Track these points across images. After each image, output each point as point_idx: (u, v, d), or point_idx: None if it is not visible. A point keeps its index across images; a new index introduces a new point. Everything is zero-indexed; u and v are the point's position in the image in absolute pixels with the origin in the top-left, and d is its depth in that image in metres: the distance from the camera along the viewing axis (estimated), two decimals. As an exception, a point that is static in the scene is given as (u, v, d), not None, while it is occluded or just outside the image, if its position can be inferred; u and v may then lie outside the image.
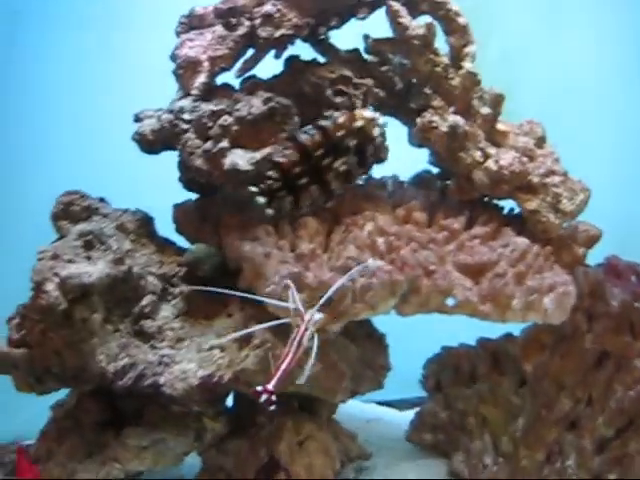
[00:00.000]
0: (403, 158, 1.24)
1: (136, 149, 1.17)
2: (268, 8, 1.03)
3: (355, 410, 1.53)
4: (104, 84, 1.42)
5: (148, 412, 1.16)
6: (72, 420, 1.19)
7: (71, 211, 1.17)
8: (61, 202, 1.17)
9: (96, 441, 1.16)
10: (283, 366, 0.84)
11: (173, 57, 1.15)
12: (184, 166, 1.13)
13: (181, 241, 1.22)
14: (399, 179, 1.27)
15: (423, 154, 1.23)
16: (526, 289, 1.07)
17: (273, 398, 0.79)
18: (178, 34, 1.18)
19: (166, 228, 1.22)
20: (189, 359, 1.10)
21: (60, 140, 1.45)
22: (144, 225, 1.19)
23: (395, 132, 1.21)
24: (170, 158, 1.17)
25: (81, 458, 1.16)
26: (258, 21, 1.04)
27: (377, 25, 1.17)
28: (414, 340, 1.42)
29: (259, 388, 0.80)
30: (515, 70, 1.44)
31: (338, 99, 1.08)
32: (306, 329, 0.89)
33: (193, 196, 1.21)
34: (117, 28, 1.41)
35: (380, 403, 1.64)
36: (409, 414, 1.52)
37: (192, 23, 1.17)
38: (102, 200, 1.22)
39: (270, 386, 0.80)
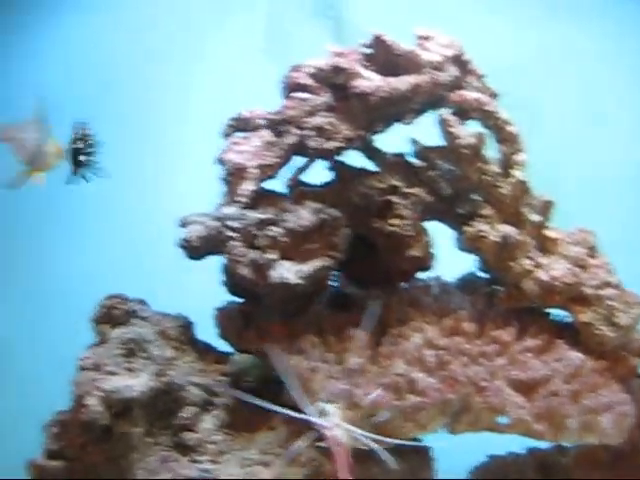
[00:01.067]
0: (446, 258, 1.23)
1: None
2: (319, 120, 1.02)
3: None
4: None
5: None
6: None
7: (112, 315, 1.15)
8: (104, 306, 1.15)
9: None
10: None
11: (220, 161, 1.14)
12: (229, 273, 1.11)
13: (221, 344, 1.20)
14: (443, 281, 1.24)
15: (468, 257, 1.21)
16: (582, 408, 1.03)
17: None
18: (225, 136, 1.17)
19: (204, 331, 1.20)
20: (230, 474, 1.06)
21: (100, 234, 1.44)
22: (185, 331, 1.17)
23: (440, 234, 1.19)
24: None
25: None
26: (308, 132, 1.03)
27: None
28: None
29: None
30: (556, 168, 1.42)
31: (387, 210, 1.06)
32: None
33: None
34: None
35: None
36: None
37: (239, 126, 1.17)
38: (141, 302, 1.20)
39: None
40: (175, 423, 1.09)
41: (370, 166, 1.16)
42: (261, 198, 1.11)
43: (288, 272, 1.02)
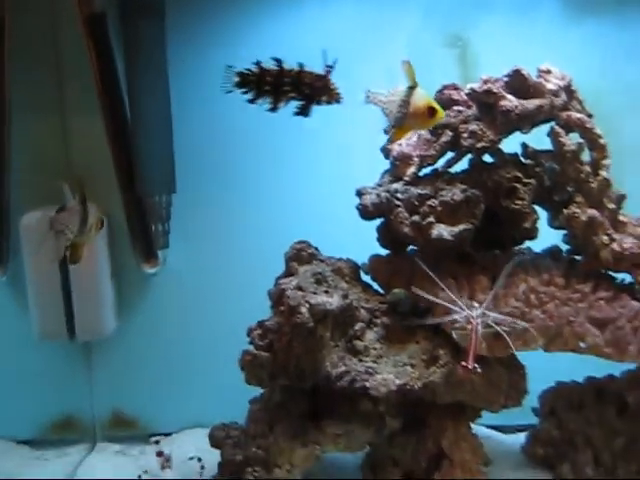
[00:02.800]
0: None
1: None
2: (474, 127, 1.46)
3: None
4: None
5: (341, 409, 1.56)
6: (284, 412, 1.59)
7: (301, 255, 1.59)
8: (294, 248, 1.60)
9: (301, 428, 1.57)
10: (471, 351, 1.33)
11: (385, 150, 1.59)
12: (390, 231, 1.55)
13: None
14: (533, 250, 1.68)
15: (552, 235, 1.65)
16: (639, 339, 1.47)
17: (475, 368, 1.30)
18: (386, 132, 1.61)
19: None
20: (388, 371, 1.50)
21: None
22: (353, 270, 1.62)
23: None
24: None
25: (288, 439, 1.56)
26: (464, 134, 1.47)
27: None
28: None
29: (463, 363, 1.31)
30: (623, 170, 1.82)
31: (512, 193, 1.50)
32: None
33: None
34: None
35: (488, 427, 2.03)
36: (512, 437, 1.92)
37: (399, 126, 1.60)
38: (317, 249, 1.64)
39: (470, 364, 1.31)
40: (349, 333, 1.53)
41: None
42: (420, 179, 1.55)
43: (444, 231, 1.46)
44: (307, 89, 1.22)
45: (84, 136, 1.82)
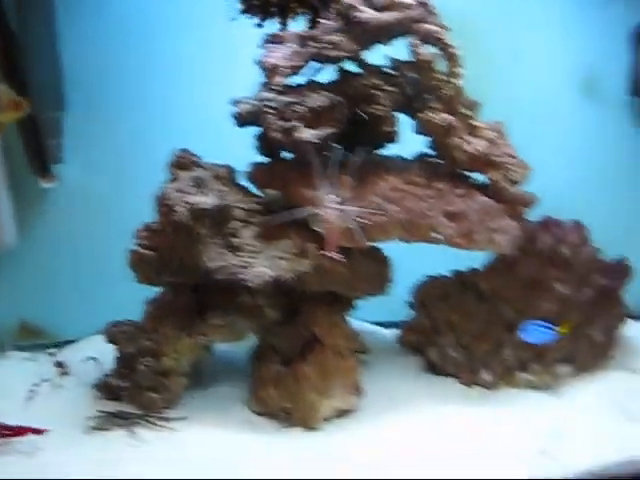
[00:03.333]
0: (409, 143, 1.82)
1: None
2: (333, 37, 1.59)
3: (355, 326, 2.09)
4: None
5: (224, 302, 1.70)
6: (172, 307, 1.73)
7: (182, 162, 1.71)
8: (176, 155, 1.71)
9: (187, 320, 1.71)
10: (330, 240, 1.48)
11: (259, 62, 1.70)
12: (265, 137, 1.68)
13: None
14: (402, 156, 1.84)
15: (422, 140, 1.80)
16: (486, 229, 1.65)
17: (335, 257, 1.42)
18: (263, 46, 1.72)
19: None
20: (263, 265, 1.64)
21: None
22: (231, 174, 1.74)
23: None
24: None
25: (175, 330, 1.71)
26: (326, 45, 1.60)
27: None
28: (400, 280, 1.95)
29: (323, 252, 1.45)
30: (485, 83, 1.99)
31: (373, 99, 1.64)
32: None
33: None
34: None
35: (372, 323, 2.21)
36: (394, 331, 2.11)
37: (273, 40, 1.72)
38: (198, 157, 1.76)
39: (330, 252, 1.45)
40: (226, 232, 1.67)
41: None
42: (289, 89, 1.68)
43: (308, 134, 1.60)
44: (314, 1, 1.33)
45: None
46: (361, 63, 1.72)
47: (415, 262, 1.86)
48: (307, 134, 1.60)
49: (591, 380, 1.89)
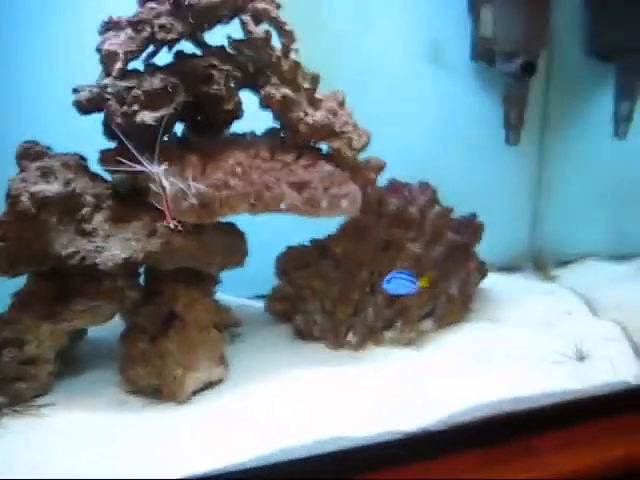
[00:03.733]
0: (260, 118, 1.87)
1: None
2: (162, 21, 1.63)
3: (230, 301, 2.15)
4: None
5: (87, 288, 1.74)
6: (33, 296, 1.76)
7: (29, 153, 1.73)
8: (22, 147, 1.73)
9: (49, 308, 1.74)
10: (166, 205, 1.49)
11: (98, 50, 1.73)
12: (108, 123, 1.71)
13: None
14: (254, 132, 1.89)
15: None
16: (330, 195, 1.72)
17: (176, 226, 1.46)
18: (100, 33, 1.75)
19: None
20: (115, 247, 1.69)
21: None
22: (80, 161, 1.77)
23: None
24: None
25: (35, 318, 1.73)
26: (156, 29, 1.64)
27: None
28: (265, 252, 2.02)
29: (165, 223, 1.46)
30: (335, 57, 2.07)
31: (209, 79, 1.69)
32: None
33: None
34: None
35: (250, 298, 2.28)
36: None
37: (109, 27, 1.75)
38: (49, 148, 1.79)
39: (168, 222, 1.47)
40: (77, 218, 1.70)
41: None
42: (128, 74, 1.71)
43: (146, 116, 1.64)
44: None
45: None
46: (200, 44, 1.76)
47: (282, 236, 1.93)
48: (146, 117, 1.64)
49: (452, 332, 2.00)
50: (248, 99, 1.83)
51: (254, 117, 1.85)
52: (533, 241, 2.27)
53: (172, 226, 1.53)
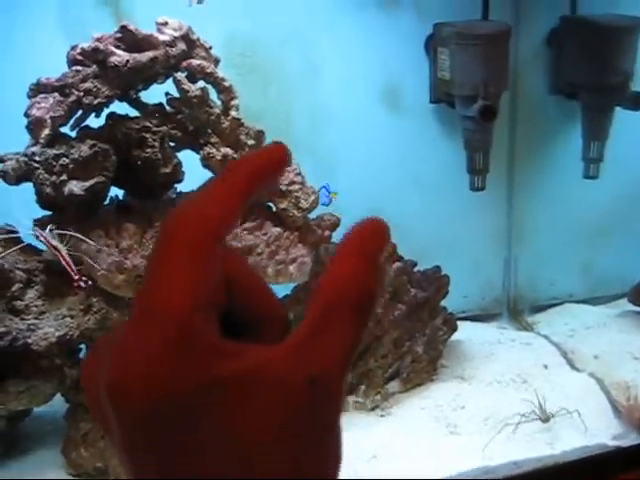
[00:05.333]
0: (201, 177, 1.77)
1: None
2: (88, 85, 1.53)
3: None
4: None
5: (23, 368, 1.63)
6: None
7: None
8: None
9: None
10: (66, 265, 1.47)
11: (26, 115, 1.63)
12: (38, 193, 1.61)
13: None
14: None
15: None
16: (276, 261, 1.62)
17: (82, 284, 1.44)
18: (29, 97, 1.66)
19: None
20: (49, 325, 1.58)
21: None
22: (10, 233, 1.67)
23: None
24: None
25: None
26: (82, 93, 1.54)
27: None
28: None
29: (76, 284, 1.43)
30: (289, 104, 1.98)
31: (142, 142, 1.59)
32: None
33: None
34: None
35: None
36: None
37: (39, 89, 1.65)
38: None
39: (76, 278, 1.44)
40: (7, 295, 1.60)
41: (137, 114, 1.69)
42: (56, 139, 1.61)
43: (75, 187, 1.54)
44: None
45: None
46: (136, 104, 1.67)
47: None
48: (74, 187, 1.54)
49: (420, 394, 1.89)
50: (193, 157, 1.74)
51: (200, 175, 1.76)
52: (507, 287, 2.16)
53: (82, 284, 1.44)
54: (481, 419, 1.77)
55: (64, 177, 1.55)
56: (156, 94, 1.72)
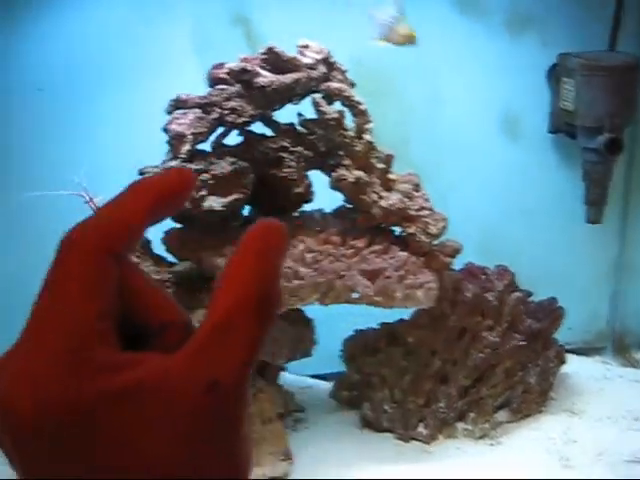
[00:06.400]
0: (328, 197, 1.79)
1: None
2: (233, 104, 1.56)
3: (294, 381, 2.06)
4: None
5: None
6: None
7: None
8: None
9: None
10: None
11: (165, 129, 1.67)
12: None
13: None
14: (323, 212, 1.81)
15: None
16: (405, 285, 1.62)
17: None
18: (168, 112, 1.70)
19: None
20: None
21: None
22: (144, 244, 1.71)
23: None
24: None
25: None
26: (226, 111, 1.57)
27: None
28: (335, 329, 1.93)
29: None
30: (408, 130, 1.99)
31: (279, 162, 1.62)
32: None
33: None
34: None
35: (313, 376, 2.17)
36: (328, 384, 2.07)
37: (177, 105, 1.69)
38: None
39: None
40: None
41: (270, 133, 1.72)
42: (195, 155, 1.65)
43: (214, 202, 1.57)
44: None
45: None
46: (270, 123, 1.70)
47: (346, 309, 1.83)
48: (214, 203, 1.57)
49: (529, 425, 1.87)
50: (314, 177, 1.76)
51: (321, 195, 1.78)
52: (613, 322, 2.13)
53: None
54: (594, 454, 1.75)
55: (204, 192, 1.58)
56: (280, 113, 1.75)
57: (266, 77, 1.56)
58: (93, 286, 0.37)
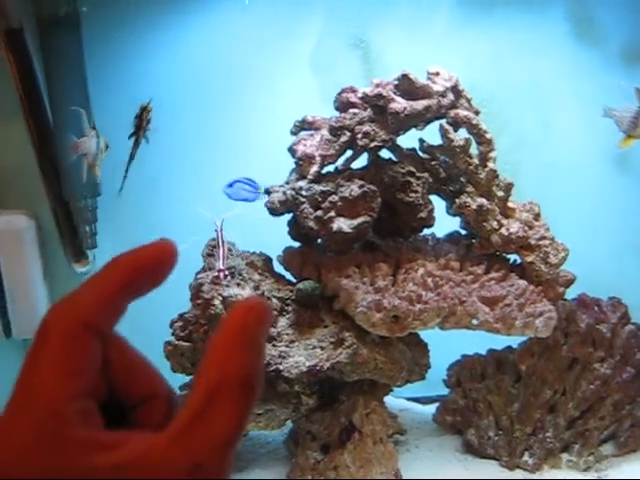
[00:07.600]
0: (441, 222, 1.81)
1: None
2: (367, 128, 1.59)
3: (392, 403, 2.07)
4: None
5: (264, 391, 1.70)
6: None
7: (215, 252, 1.71)
8: (209, 245, 1.72)
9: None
10: (221, 255, 1.58)
11: (291, 150, 1.71)
12: (298, 225, 1.68)
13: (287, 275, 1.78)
14: (436, 236, 1.83)
15: (455, 220, 1.80)
16: (524, 314, 1.63)
17: (226, 273, 1.55)
18: (293, 133, 1.73)
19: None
20: (299, 354, 1.64)
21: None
22: (266, 263, 1.74)
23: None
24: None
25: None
26: (359, 135, 1.60)
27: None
28: (438, 353, 1.93)
29: (217, 273, 1.54)
30: (517, 158, 2.00)
31: (406, 187, 1.64)
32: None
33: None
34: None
35: (408, 399, 2.18)
36: (430, 407, 2.07)
37: (303, 126, 1.73)
38: (233, 244, 1.77)
39: (221, 266, 1.55)
40: (263, 321, 1.66)
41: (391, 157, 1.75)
42: (323, 177, 1.68)
43: (343, 224, 1.60)
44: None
45: (9, 142, 1.90)
46: (395, 148, 1.72)
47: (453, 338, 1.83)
48: (343, 225, 1.60)
49: (636, 460, 1.85)
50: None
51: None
52: None
53: (221, 276, 1.55)
54: None
55: (332, 213, 1.61)
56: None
57: (400, 103, 1.58)
58: (69, 367, 0.38)
